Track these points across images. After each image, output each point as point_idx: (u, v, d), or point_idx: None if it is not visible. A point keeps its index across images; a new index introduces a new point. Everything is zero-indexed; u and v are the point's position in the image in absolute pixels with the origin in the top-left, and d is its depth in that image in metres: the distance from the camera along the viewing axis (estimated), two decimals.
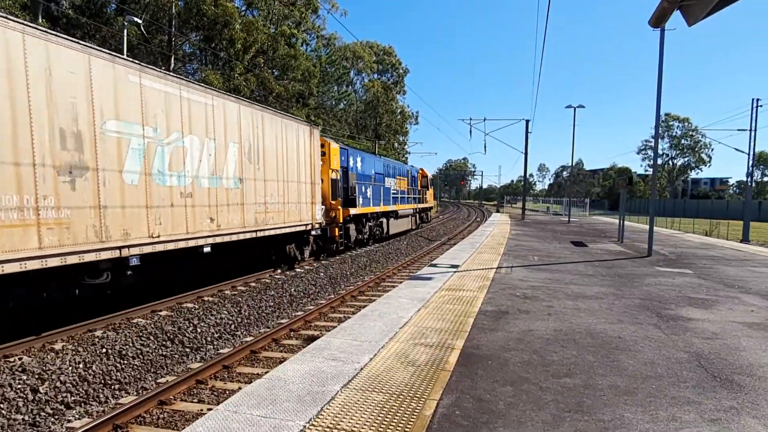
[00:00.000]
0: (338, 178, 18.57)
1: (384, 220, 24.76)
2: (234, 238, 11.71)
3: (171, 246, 9.67)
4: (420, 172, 35.69)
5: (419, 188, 34.49)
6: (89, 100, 7.86)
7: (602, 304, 7.92)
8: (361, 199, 20.55)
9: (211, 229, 10.91)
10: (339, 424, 3.67)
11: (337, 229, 18.02)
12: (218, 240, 11.12)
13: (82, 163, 7.72)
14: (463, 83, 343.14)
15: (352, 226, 19.98)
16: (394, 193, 26.64)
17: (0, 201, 6.50)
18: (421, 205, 34.42)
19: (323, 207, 17.00)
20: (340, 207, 18.10)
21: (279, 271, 15.13)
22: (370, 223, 22.51)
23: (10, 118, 6.67)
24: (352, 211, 19.23)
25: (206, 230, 10.73)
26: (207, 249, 10.78)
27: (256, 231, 12.64)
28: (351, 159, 20.22)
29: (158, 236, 9.29)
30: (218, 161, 11.19)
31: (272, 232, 13.46)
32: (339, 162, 18.70)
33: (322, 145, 17.29)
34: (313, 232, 16.50)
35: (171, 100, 9.71)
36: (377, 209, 22.93)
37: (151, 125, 9.20)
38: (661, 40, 13.82)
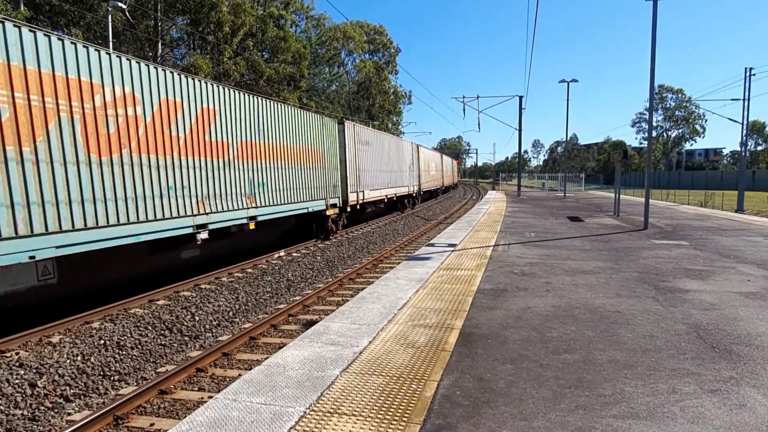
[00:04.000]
0: (454, 168, 78.37)
1: (456, 182, 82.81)
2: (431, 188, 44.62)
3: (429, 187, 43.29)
4: (456, 160, 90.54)
5: (458, 169, 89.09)
6: (417, 158, 36.62)
7: (600, 279, 7.92)
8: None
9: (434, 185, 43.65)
10: (339, 409, 3.65)
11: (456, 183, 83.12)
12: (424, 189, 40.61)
13: (418, 172, 36.89)
14: (455, 61, 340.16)
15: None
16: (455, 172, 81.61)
17: (407, 180, 32.88)
18: (457, 178, 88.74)
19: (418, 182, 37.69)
20: (457, 177, 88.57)
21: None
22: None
23: (411, 166, 34.93)
24: (456, 180, 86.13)
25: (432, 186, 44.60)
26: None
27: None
28: (453, 162, 76.60)
29: (431, 188, 44.39)
30: (422, 168, 38.40)
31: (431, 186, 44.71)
32: (455, 164, 79.25)
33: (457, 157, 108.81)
34: (422, 192, 38.88)
35: (429, 154, 44.36)
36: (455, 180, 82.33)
37: (428, 161, 42.51)
38: (654, 8, 13.63)
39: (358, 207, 21.38)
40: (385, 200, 26.11)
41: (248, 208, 12.77)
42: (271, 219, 13.99)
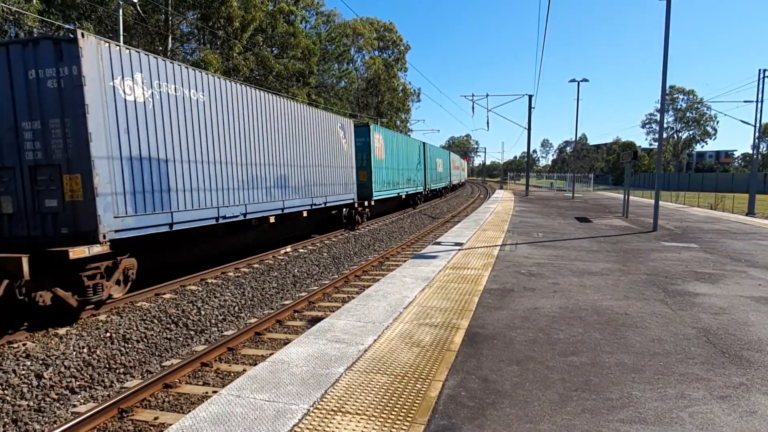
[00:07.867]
0: (465, 167, 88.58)
1: (465, 180, 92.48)
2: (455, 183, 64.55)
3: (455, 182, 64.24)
4: (465, 159, 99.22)
5: (465, 168, 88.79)
6: (451, 160, 55.10)
7: (608, 281, 7.85)
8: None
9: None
10: (343, 407, 3.62)
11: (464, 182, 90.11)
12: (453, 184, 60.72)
13: (449, 172, 53.75)
14: (465, 59, 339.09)
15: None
16: (463, 170, 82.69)
17: (432, 179, 42.68)
18: (466, 176, 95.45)
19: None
20: (466, 175, 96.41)
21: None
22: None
23: (442, 167, 49.15)
24: (465, 178, 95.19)
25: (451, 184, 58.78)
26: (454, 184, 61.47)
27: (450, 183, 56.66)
28: (461, 161, 78.21)
29: (454, 184, 61.70)
30: (445, 165, 50.42)
31: (455, 182, 62.78)
32: (461, 162, 78.93)
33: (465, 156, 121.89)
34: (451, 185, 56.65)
35: (454, 157, 61.22)
36: (466, 177, 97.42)
37: (453, 163, 58.20)
38: (667, 7, 13.47)
39: (426, 193, 37.19)
40: (438, 189, 44.39)
41: (418, 186, 32.24)
42: (416, 192, 32.39)
